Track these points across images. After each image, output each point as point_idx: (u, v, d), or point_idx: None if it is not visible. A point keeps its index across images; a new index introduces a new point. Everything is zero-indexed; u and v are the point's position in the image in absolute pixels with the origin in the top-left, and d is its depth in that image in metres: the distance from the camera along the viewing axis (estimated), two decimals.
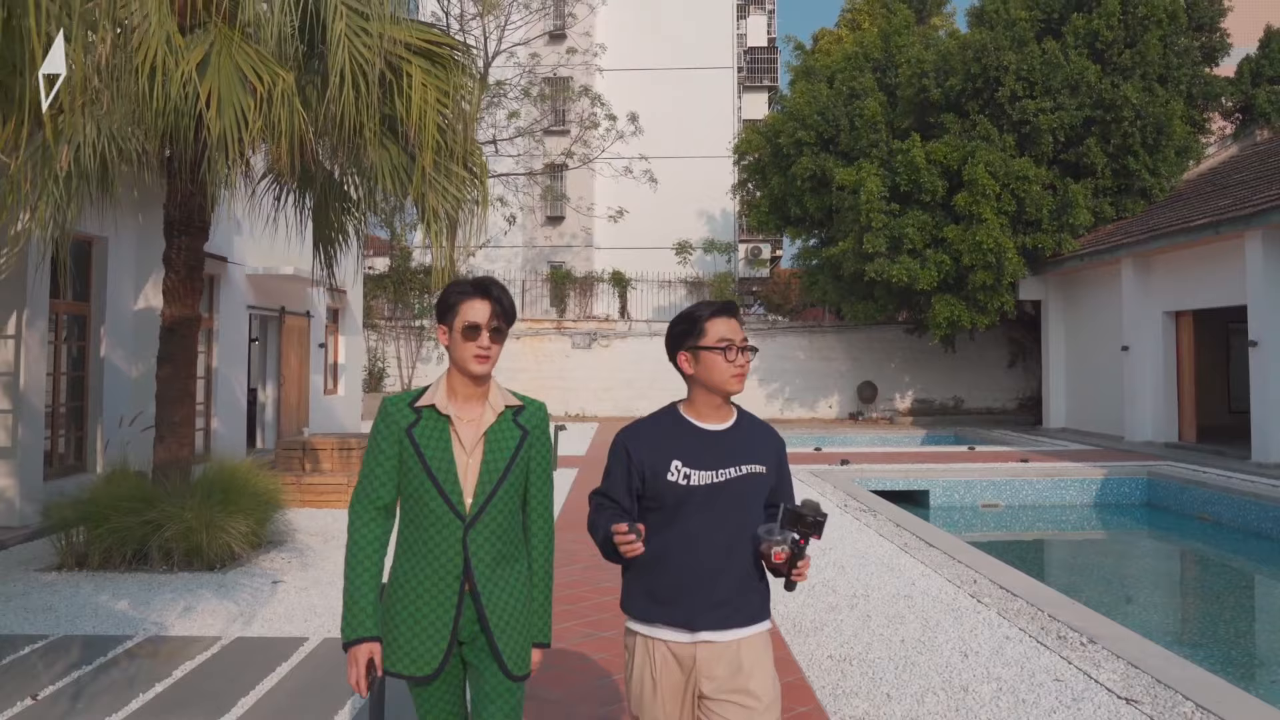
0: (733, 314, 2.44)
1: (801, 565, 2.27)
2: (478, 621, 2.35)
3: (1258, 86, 19.18)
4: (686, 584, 2.34)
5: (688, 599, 2.34)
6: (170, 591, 6.08)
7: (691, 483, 2.35)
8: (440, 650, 2.32)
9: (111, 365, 10.67)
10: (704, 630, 2.33)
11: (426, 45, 6.40)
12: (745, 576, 2.37)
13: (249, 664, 4.70)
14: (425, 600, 2.33)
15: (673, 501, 2.35)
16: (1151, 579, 9.47)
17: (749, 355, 2.41)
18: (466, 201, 7.10)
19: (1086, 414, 18.33)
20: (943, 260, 18.03)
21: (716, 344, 2.37)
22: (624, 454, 2.41)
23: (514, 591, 2.40)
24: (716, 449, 2.39)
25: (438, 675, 2.34)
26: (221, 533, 6.69)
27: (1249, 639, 7.17)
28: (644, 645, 2.39)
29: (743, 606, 2.36)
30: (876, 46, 20.77)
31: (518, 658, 2.38)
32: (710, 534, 2.35)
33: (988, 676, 4.47)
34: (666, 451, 2.37)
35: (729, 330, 2.39)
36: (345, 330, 18.21)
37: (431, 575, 2.33)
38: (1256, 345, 12.93)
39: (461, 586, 2.34)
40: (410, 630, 2.33)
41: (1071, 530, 11.72)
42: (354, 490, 2.40)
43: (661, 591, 2.36)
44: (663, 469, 2.36)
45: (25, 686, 4.35)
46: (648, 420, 2.48)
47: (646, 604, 2.38)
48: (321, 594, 6.07)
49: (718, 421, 2.43)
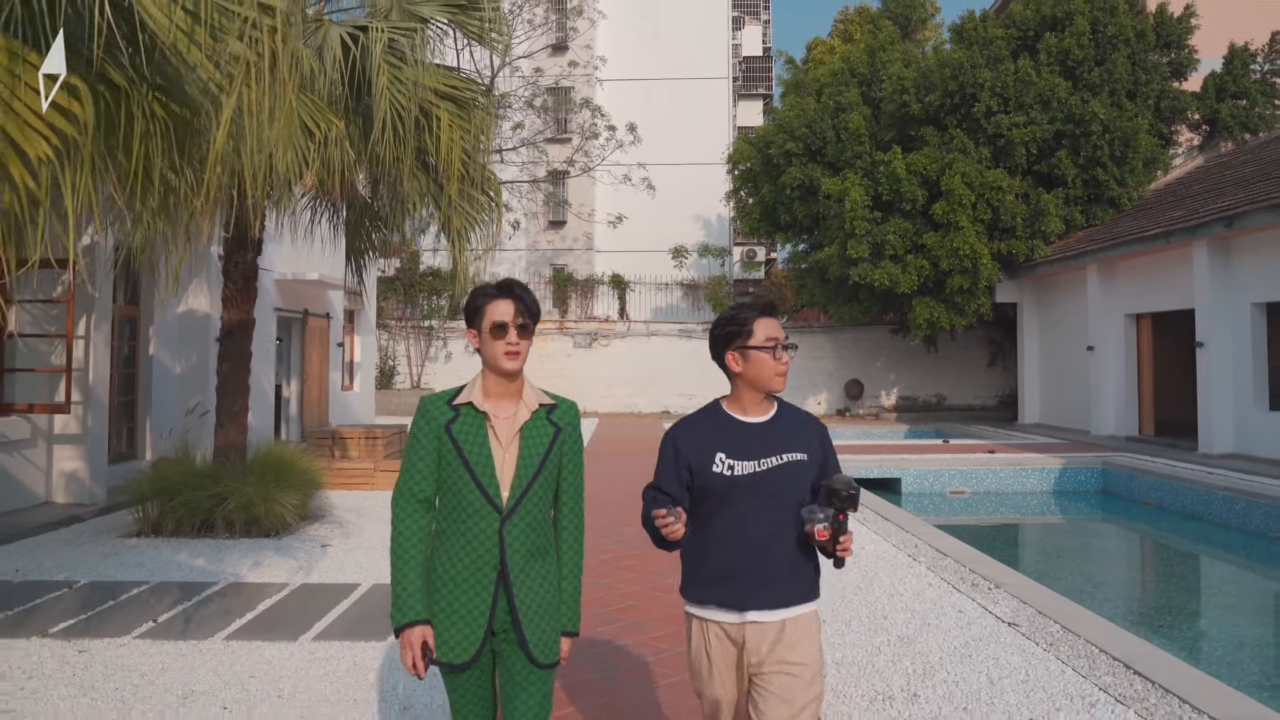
0: (774, 314, 2.57)
1: (845, 540, 2.37)
2: (509, 612, 2.45)
3: (1222, 101, 20.28)
4: (735, 568, 2.47)
5: (736, 582, 2.47)
6: (238, 552, 7.24)
7: (735, 473, 2.48)
8: (476, 639, 2.42)
9: (159, 363, 11.82)
10: (751, 610, 2.46)
11: (452, 90, 7.54)
12: (791, 559, 2.49)
13: (314, 602, 5.86)
14: (462, 590, 2.42)
15: (719, 492, 2.48)
16: (1087, 551, 10.61)
17: (790, 353, 2.55)
18: (483, 222, 8.28)
19: (1057, 410, 19.48)
20: (922, 265, 19.16)
21: (764, 343, 2.51)
22: (672, 449, 2.56)
23: (545, 583, 2.50)
24: (758, 440, 2.51)
25: (472, 663, 2.44)
26: (276, 505, 7.84)
27: (1151, 593, 8.35)
28: (699, 627, 2.55)
29: (789, 587, 2.48)
30: (862, 62, 21.90)
31: (544, 646, 2.47)
32: (756, 521, 2.47)
33: (905, 609, 5.62)
34: (711, 445, 2.51)
35: (774, 330, 2.52)
36: (360, 330, 19.38)
37: (469, 566, 2.43)
38: (1202, 346, 14.06)
39: (497, 577, 2.43)
40: (447, 619, 2.43)
41: (1031, 514, 12.84)
42: (396, 485, 2.50)
43: (712, 576, 2.50)
44: (708, 461, 2.49)
45: (144, 614, 5.50)
46: (694, 416, 2.64)
47: (700, 588, 2.53)
48: (365, 554, 7.22)
49: (759, 415, 2.56)
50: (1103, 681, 4.31)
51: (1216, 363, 13.82)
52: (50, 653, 4.79)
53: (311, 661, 4.68)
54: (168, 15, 2.86)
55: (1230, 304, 13.79)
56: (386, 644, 4.95)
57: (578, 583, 2.59)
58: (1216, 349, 13.84)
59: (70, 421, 9.49)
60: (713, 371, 14.72)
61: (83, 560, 6.97)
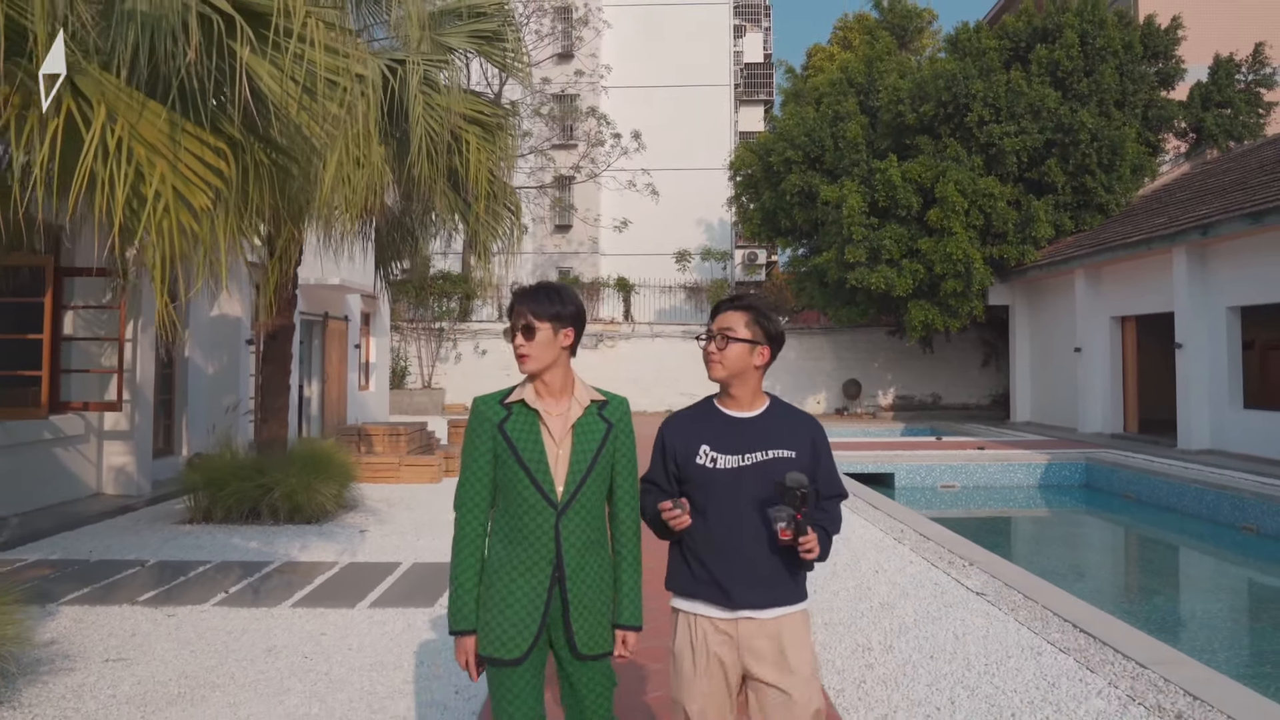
0: (735, 307, 2.59)
1: (804, 540, 2.35)
2: (561, 605, 2.47)
3: (1207, 110, 21.01)
4: (723, 562, 2.46)
5: (726, 577, 2.45)
6: (286, 537, 7.97)
7: (718, 466, 2.49)
8: (530, 634, 2.43)
9: (194, 364, 12.56)
10: (744, 608, 2.45)
11: (479, 115, 8.27)
12: (780, 556, 2.46)
13: (364, 576, 6.59)
14: (518, 585, 2.44)
15: (702, 484, 2.50)
16: (1067, 540, 11.35)
17: (710, 342, 2.57)
18: (503, 234, 9.02)
19: (1047, 409, 20.21)
20: (917, 269, 19.88)
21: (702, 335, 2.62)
22: (660, 441, 2.61)
23: (598, 577, 2.52)
24: (743, 435, 2.52)
25: (524, 659, 2.43)
26: (317, 495, 8.57)
27: (1120, 575, 9.08)
28: (686, 621, 2.53)
29: (780, 585, 2.47)
30: (860, 72, 22.62)
31: (590, 639, 2.48)
32: (741, 515, 2.46)
33: (888, 582, 6.35)
34: (696, 437, 2.55)
35: (721, 321, 2.59)
36: (375, 332, 20.12)
37: (525, 561, 2.44)
38: (1181, 348, 14.78)
39: (553, 572, 2.44)
40: (501, 614, 2.43)
41: (1017, 507, 13.57)
42: (456, 487, 2.53)
43: (701, 569, 2.48)
44: (692, 453, 2.53)
45: (215, 587, 6.23)
46: (685, 410, 2.69)
47: (688, 581, 2.51)
48: (400, 538, 7.94)
49: (748, 410, 2.57)
50: (1052, 638, 5.04)
51: (1194, 363, 14.54)
52: (143, 617, 5.52)
53: (371, 623, 5.41)
54: (281, 85, 3.57)
55: (1207, 307, 14.51)
56: (434, 610, 5.68)
57: (637, 576, 2.59)
58: (1194, 350, 14.56)
59: (120, 419, 10.22)
60: None
61: (146, 543, 7.69)
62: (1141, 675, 4.41)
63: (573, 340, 2.58)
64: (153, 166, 3.18)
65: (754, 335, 2.54)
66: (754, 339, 2.54)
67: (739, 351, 2.53)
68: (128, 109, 3.13)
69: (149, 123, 3.12)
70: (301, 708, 4.10)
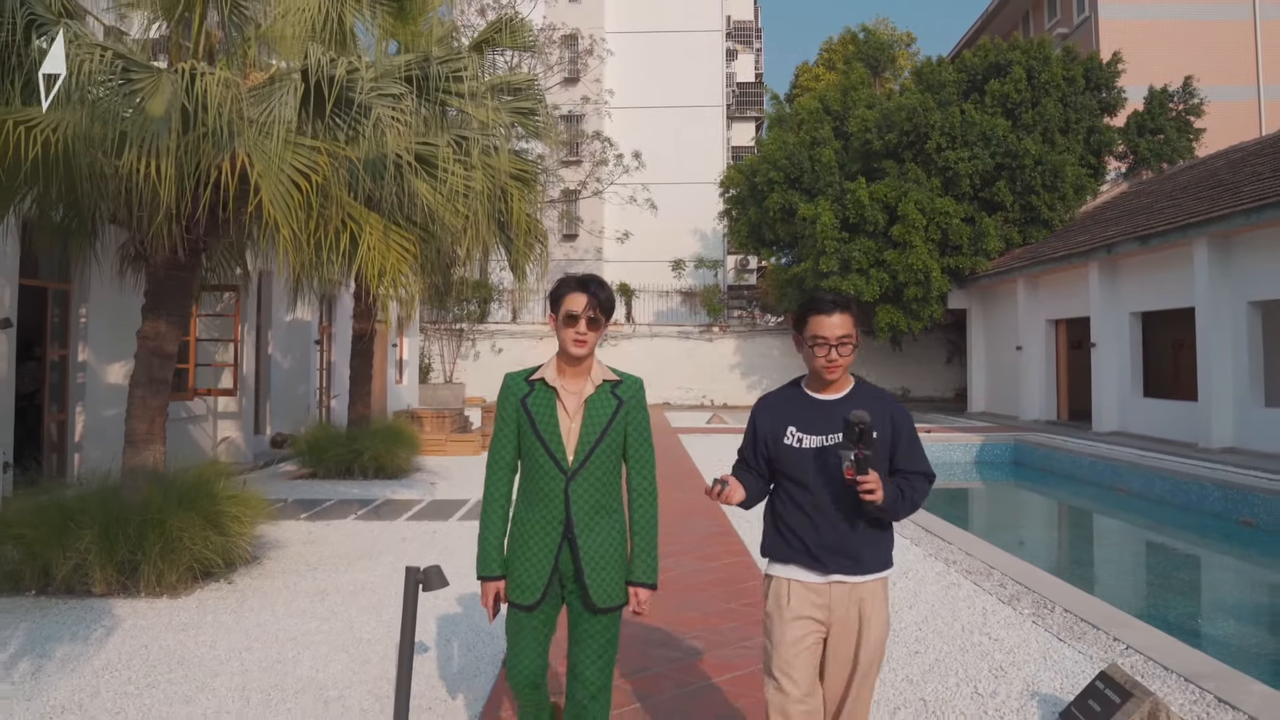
0: (831, 311, 2.67)
1: (863, 480, 2.50)
2: (573, 562, 2.75)
3: (1142, 137, 23.76)
4: (814, 532, 2.66)
5: (817, 545, 2.66)
6: (377, 486, 10.74)
7: (804, 445, 2.67)
8: (541, 583, 2.75)
9: (275, 360, 15.33)
10: (836, 572, 2.66)
11: (521, 172, 11.01)
12: (866, 527, 2.67)
13: (445, 505, 9.35)
14: (534, 539, 2.77)
15: (791, 461, 2.70)
16: (994, 504, 14.10)
17: (840, 352, 2.66)
18: (534, 259, 11.79)
19: (997, 399, 23.00)
20: (883, 278, 22.63)
21: (808, 340, 2.71)
22: (752, 424, 2.81)
23: (610, 537, 2.78)
24: (827, 416, 2.69)
25: (538, 606, 2.76)
26: (395, 458, 11.33)
27: (1037, 532, 11.84)
28: (778, 584, 2.74)
29: (865, 554, 2.67)
30: (835, 100, 25.38)
31: (603, 592, 2.76)
32: (827, 489, 2.65)
33: None
34: (784, 418, 2.74)
35: (822, 328, 2.67)
36: (407, 334, 22.92)
37: (540, 520, 2.77)
38: (1096, 346, 17.54)
39: (563, 530, 2.74)
40: (521, 564, 2.78)
41: (954, 480, 16.32)
42: (488, 450, 2.86)
43: (795, 539, 2.71)
44: (780, 434, 2.72)
45: (347, 511, 8.99)
46: (775, 392, 2.86)
47: (783, 550, 2.73)
48: (462, 487, 10.69)
49: (832, 393, 2.74)
50: (959, 565, 7.78)
51: (1106, 360, 17.31)
52: (310, 525, 8.29)
53: (461, 529, 8.17)
54: (434, 193, 6.28)
55: (1116, 312, 17.27)
56: None
57: (652, 537, 2.82)
58: (1105, 349, 17.33)
59: (231, 402, 13.00)
60: (706, 368, 20.81)
61: (278, 490, 10.46)
62: (1008, 583, 7.16)
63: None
64: (386, 248, 5.95)
65: (857, 332, 2.73)
66: (858, 336, 2.73)
67: (852, 352, 2.69)
68: (364, 218, 5.87)
69: (375, 225, 5.88)
70: (439, 559, 6.86)
